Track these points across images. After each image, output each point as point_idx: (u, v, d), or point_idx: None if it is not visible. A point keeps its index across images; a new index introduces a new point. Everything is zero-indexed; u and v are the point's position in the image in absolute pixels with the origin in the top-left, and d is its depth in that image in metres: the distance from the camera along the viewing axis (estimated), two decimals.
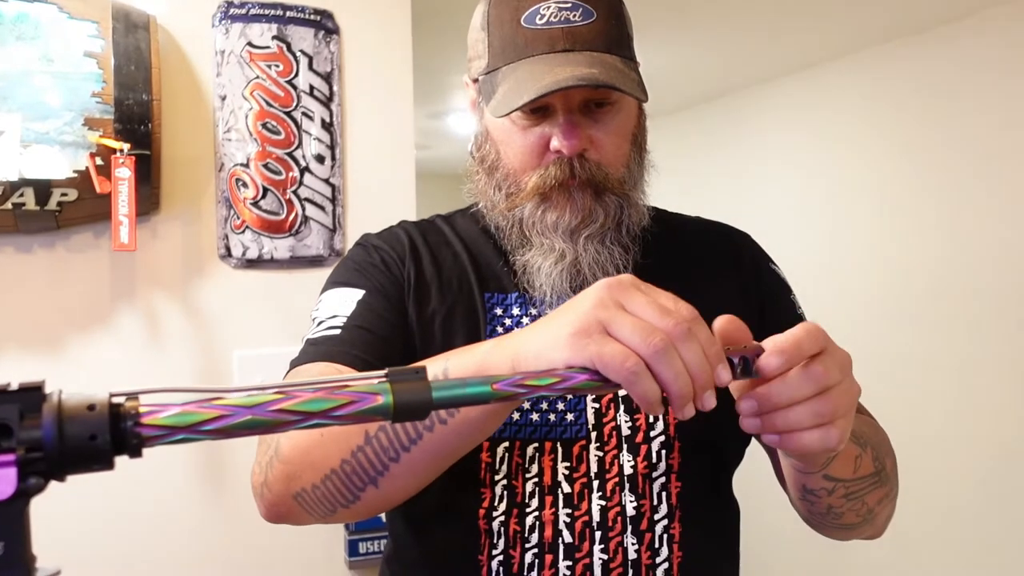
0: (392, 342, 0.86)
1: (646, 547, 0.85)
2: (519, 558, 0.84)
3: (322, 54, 1.54)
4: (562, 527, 0.84)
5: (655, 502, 0.86)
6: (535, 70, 0.83)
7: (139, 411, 0.44)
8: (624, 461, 0.85)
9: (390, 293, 0.90)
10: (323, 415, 0.48)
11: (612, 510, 0.85)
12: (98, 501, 1.42)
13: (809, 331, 0.62)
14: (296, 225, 1.52)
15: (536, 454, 0.86)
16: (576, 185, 0.87)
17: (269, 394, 0.47)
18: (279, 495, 0.77)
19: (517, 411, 0.86)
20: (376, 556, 1.53)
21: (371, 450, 0.71)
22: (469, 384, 0.52)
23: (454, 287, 0.92)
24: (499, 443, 0.85)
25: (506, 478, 0.85)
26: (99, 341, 1.44)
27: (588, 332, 0.56)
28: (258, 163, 1.50)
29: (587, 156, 0.87)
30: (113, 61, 1.30)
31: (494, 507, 0.85)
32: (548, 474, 0.85)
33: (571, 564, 0.83)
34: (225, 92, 1.49)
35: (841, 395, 0.62)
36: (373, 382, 0.50)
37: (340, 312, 0.88)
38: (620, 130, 0.90)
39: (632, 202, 0.91)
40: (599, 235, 0.89)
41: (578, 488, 0.85)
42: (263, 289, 1.52)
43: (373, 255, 0.94)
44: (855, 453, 0.79)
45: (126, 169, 1.28)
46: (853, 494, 0.80)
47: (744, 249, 1.03)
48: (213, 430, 0.45)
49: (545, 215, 0.89)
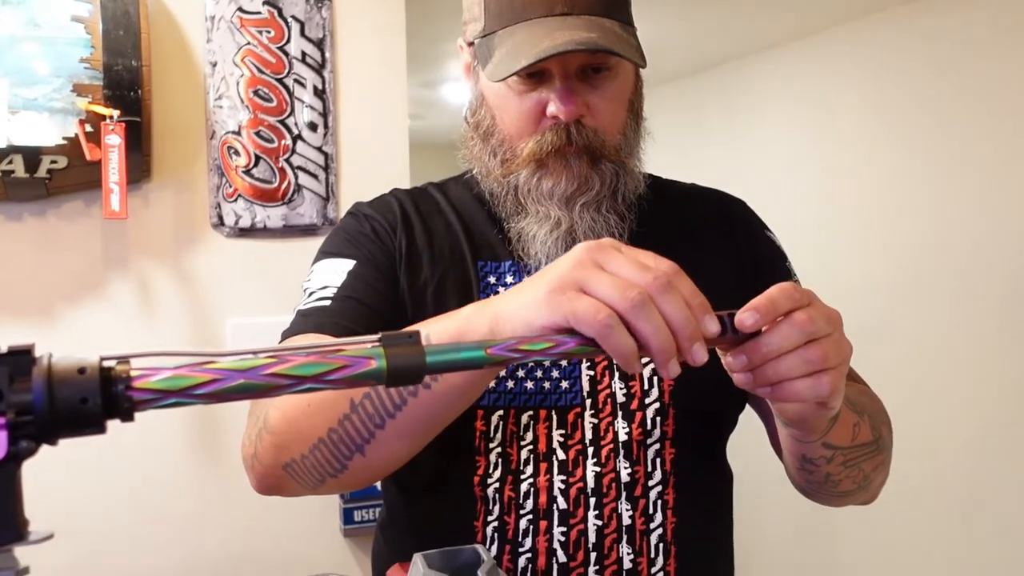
0: (382, 313, 0.86)
1: (640, 513, 0.85)
2: (514, 524, 0.84)
3: (314, 20, 1.52)
4: (556, 493, 0.84)
5: (649, 468, 0.86)
6: (533, 34, 0.81)
7: (130, 375, 0.43)
8: (619, 428, 0.86)
9: (381, 263, 0.90)
10: (317, 379, 0.47)
11: (607, 476, 0.85)
12: (92, 471, 1.42)
13: (783, 289, 0.61)
14: (289, 194, 1.51)
15: (531, 422, 0.86)
16: (573, 152, 0.86)
17: (262, 358, 0.47)
18: (269, 466, 0.77)
19: (511, 379, 0.86)
20: (371, 524, 1.54)
21: (357, 418, 0.71)
22: (463, 349, 0.52)
23: (446, 256, 0.92)
24: (493, 411, 0.85)
25: (500, 446, 0.85)
26: (91, 310, 1.43)
27: (563, 290, 0.56)
28: (250, 131, 1.48)
29: (584, 122, 0.86)
30: (101, 26, 1.28)
31: (489, 474, 0.85)
32: (543, 441, 0.85)
33: (565, 530, 0.84)
34: (216, 58, 1.47)
35: (830, 344, 0.62)
36: (367, 346, 0.49)
37: (330, 283, 0.88)
38: (617, 96, 0.89)
39: (628, 170, 0.90)
40: (595, 203, 0.88)
41: (572, 455, 0.85)
42: (256, 258, 1.51)
43: (364, 225, 0.93)
44: (853, 421, 0.78)
45: (116, 136, 1.26)
46: (851, 461, 0.80)
47: (739, 216, 1.02)
48: (205, 394, 0.45)
49: (541, 182, 0.88)
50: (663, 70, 3.84)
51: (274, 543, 1.52)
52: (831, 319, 0.63)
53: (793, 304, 0.61)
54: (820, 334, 0.61)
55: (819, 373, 0.62)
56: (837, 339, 0.63)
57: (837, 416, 0.73)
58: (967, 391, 2.57)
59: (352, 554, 1.57)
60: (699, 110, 3.84)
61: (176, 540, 1.47)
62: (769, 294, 0.61)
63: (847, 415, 0.76)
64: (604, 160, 0.88)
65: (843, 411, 0.74)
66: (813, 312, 0.62)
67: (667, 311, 0.55)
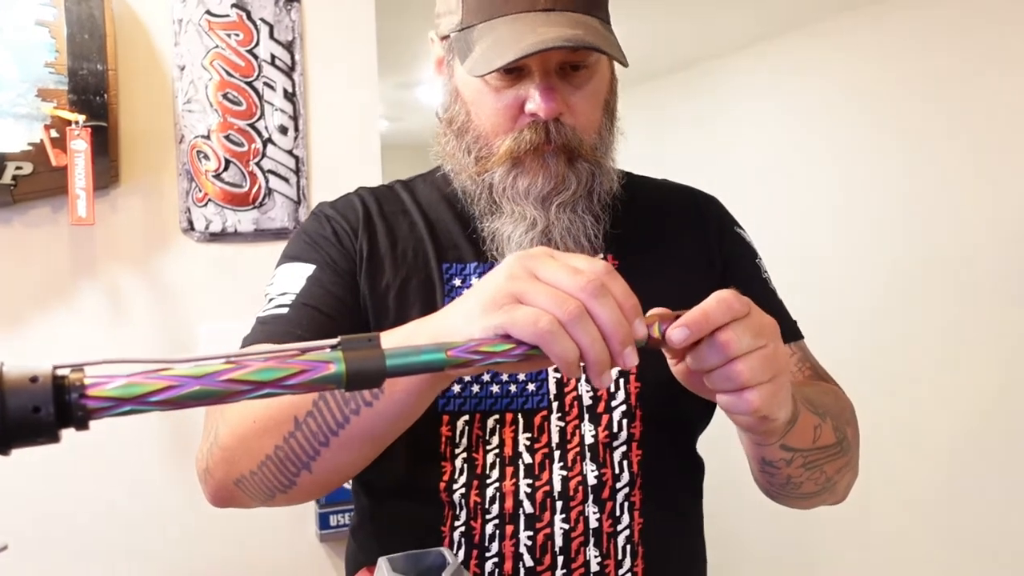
0: (340, 320, 0.85)
1: (607, 515, 0.84)
2: (480, 529, 0.84)
3: (283, 22, 1.51)
4: (523, 497, 0.84)
5: (616, 471, 0.85)
6: (515, 29, 0.80)
7: (84, 383, 0.43)
8: (585, 431, 0.85)
9: (341, 268, 0.89)
10: (275, 384, 0.47)
11: (573, 480, 0.84)
12: (58, 477, 1.41)
13: (721, 300, 0.61)
14: (260, 198, 1.50)
15: (497, 426, 0.85)
16: (551, 150, 0.85)
17: (219, 364, 0.47)
18: (220, 481, 0.78)
19: (476, 383, 0.85)
20: (347, 528, 1.53)
21: (301, 435, 0.72)
22: (424, 352, 0.52)
23: (409, 258, 0.90)
24: (459, 416, 0.85)
25: (466, 451, 0.85)
26: (60, 318, 1.42)
27: (498, 304, 0.56)
28: (220, 135, 1.47)
29: (563, 120, 0.84)
30: (66, 30, 1.27)
31: (454, 479, 0.85)
32: (509, 445, 0.85)
33: (532, 534, 0.83)
34: (184, 62, 1.46)
35: (757, 360, 0.61)
36: (326, 350, 0.49)
37: (289, 289, 0.87)
38: (595, 95, 0.88)
39: (604, 169, 0.89)
40: (571, 203, 0.87)
41: (539, 458, 0.85)
42: (227, 262, 1.50)
43: (325, 227, 0.92)
44: (814, 423, 0.78)
45: (82, 141, 1.25)
46: (812, 463, 0.80)
47: (710, 212, 1.01)
48: (161, 401, 0.45)
49: (517, 181, 0.86)
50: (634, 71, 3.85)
51: (250, 549, 1.51)
52: (762, 332, 0.62)
53: (729, 316, 0.61)
54: (744, 351, 0.61)
55: (744, 390, 0.62)
56: (767, 353, 0.62)
57: (795, 419, 0.72)
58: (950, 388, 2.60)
59: (328, 559, 1.56)
60: (670, 110, 3.86)
61: (149, 548, 1.46)
62: (704, 307, 0.60)
63: (807, 417, 0.76)
64: (581, 159, 0.87)
65: (802, 413, 0.74)
66: (739, 329, 0.61)
67: (601, 316, 0.55)
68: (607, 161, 0.90)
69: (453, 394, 0.84)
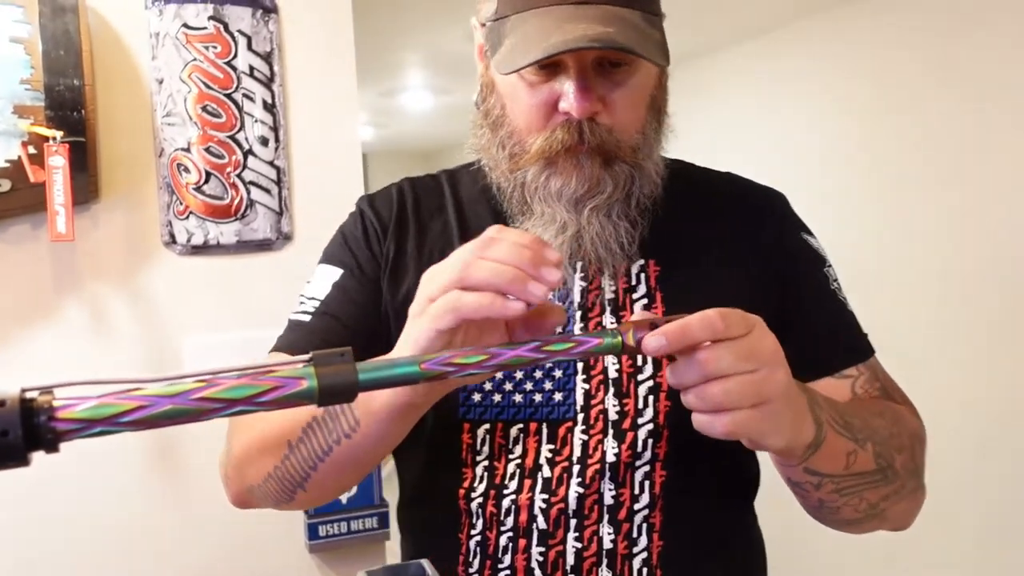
0: (358, 331, 0.85)
1: (623, 536, 0.82)
2: (494, 540, 0.83)
3: (261, 34, 1.51)
4: (537, 512, 0.82)
5: (636, 491, 0.82)
6: (544, 24, 0.75)
7: (53, 405, 0.43)
8: (608, 447, 0.82)
9: (366, 273, 0.89)
10: (247, 401, 0.47)
11: (589, 498, 0.82)
12: (42, 485, 1.40)
13: (704, 317, 0.59)
14: (242, 209, 1.50)
15: (520, 435, 0.83)
16: (585, 151, 0.80)
17: (190, 383, 0.47)
18: (237, 487, 0.85)
19: (498, 392, 0.83)
20: (336, 539, 1.53)
21: (295, 459, 0.76)
22: (397, 365, 0.52)
23: (434, 262, 0.88)
24: (479, 425, 0.83)
25: (488, 459, 0.83)
26: (43, 335, 1.41)
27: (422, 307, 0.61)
28: (200, 147, 1.47)
29: (599, 120, 0.79)
30: (41, 46, 1.26)
31: (473, 487, 0.84)
32: (531, 456, 0.82)
33: (544, 551, 0.81)
34: (162, 75, 1.45)
35: (737, 384, 0.59)
36: (298, 366, 0.49)
37: (316, 294, 0.89)
38: (637, 92, 0.82)
39: (644, 173, 0.84)
40: (606, 207, 0.82)
41: (558, 472, 0.82)
42: (210, 275, 1.50)
43: (358, 226, 0.92)
44: (847, 448, 0.73)
45: (60, 157, 1.24)
46: (847, 490, 0.76)
47: (771, 213, 0.94)
48: (132, 421, 0.45)
49: (549, 181, 0.81)
50: None
51: (238, 560, 1.51)
52: (753, 355, 0.60)
53: (709, 334, 0.59)
54: (724, 372, 0.59)
55: (718, 413, 0.60)
56: (755, 379, 0.60)
57: (818, 444, 0.69)
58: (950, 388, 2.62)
59: (318, 569, 1.56)
60: None
61: (136, 558, 1.45)
62: (685, 321, 0.59)
63: (838, 442, 0.72)
64: (619, 161, 0.81)
65: (830, 438, 0.71)
66: (722, 351, 0.59)
67: (494, 257, 0.58)
68: (649, 163, 0.84)
69: (473, 403, 0.83)
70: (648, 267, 0.87)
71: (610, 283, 0.87)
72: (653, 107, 0.84)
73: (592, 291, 0.86)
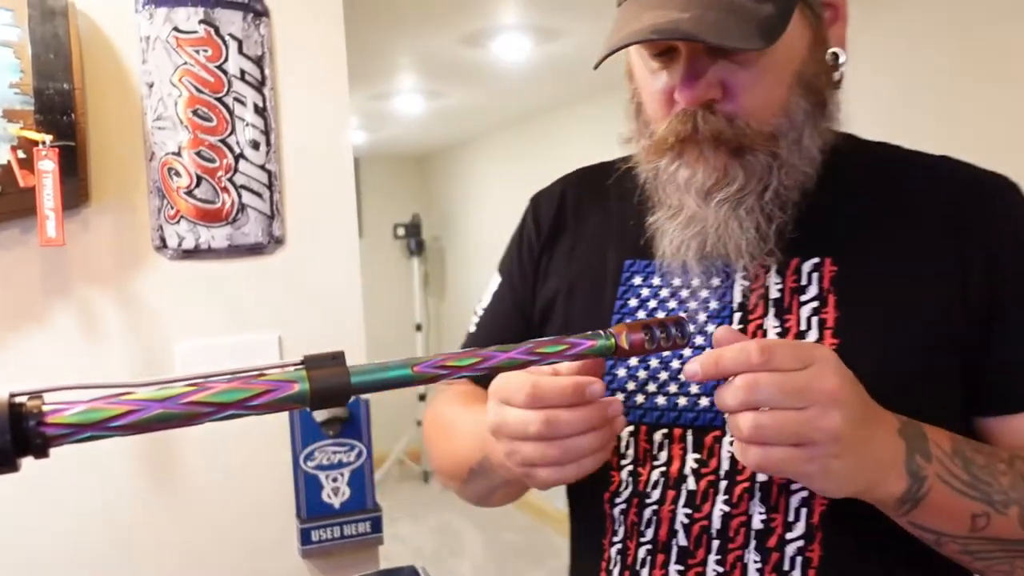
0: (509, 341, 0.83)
1: (771, 568, 0.73)
2: (634, 551, 0.78)
3: (252, 37, 1.50)
4: (678, 527, 0.76)
5: (790, 518, 0.73)
6: (627, 14, 0.72)
7: (42, 410, 0.43)
8: None
9: (517, 280, 0.93)
10: (238, 405, 0.47)
11: (736, 519, 0.75)
12: (30, 490, 1.39)
13: (743, 349, 0.57)
14: (233, 213, 1.49)
15: (665, 441, 0.78)
16: (705, 142, 0.74)
17: (181, 387, 0.47)
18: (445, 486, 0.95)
19: (641, 393, 0.79)
20: (330, 543, 1.52)
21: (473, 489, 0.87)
22: (390, 368, 0.52)
23: (586, 259, 0.86)
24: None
25: (632, 464, 0.79)
26: (33, 341, 1.40)
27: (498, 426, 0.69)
28: (191, 151, 1.46)
29: (718, 107, 0.73)
30: (30, 50, 1.26)
31: (618, 492, 0.80)
32: (676, 464, 0.77)
33: (682, 569, 0.76)
34: (152, 79, 1.45)
35: (770, 419, 0.57)
36: (290, 369, 0.49)
37: (484, 304, 0.96)
38: (769, 72, 0.73)
39: (785, 161, 0.75)
40: (735, 200, 0.75)
41: (703, 486, 0.76)
42: (202, 279, 1.49)
43: (522, 228, 0.94)
44: (971, 509, 0.66)
45: (49, 161, 1.24)
46: (982, 554, 0.68)
47: (983, 205, 0.76)
48: (123, 426, 0.45)
49: (678, 172, 0.77)
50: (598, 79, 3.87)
51: (230, 566, 1.50)
52: (799, 392, 0.57)
53: (744, 367, 0.57)
54: (761, 403, 0.57)
55: (749, 444, 0.58)
56: (798, 417, 0.57)
57: (914, 499, 0.64)
58: None
59: (311, 574, 1.55)
60: None
61: (124, 564, 1.44)
62: (722, 350, 0.58)
63: (952, 500, 0.65)
64: (751, 151, 0.74)
65: (941, 495, 0.65)
66: (762, 380, 0.56)
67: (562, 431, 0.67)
68: (795, 150, 0.75)
69: None
70: (824, 266, 0.77)
71: (776, 281, 0.79)
72: (801, 84, 0.75)
73: (755, 290, 0.79)
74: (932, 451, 0.65)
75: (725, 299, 0.80)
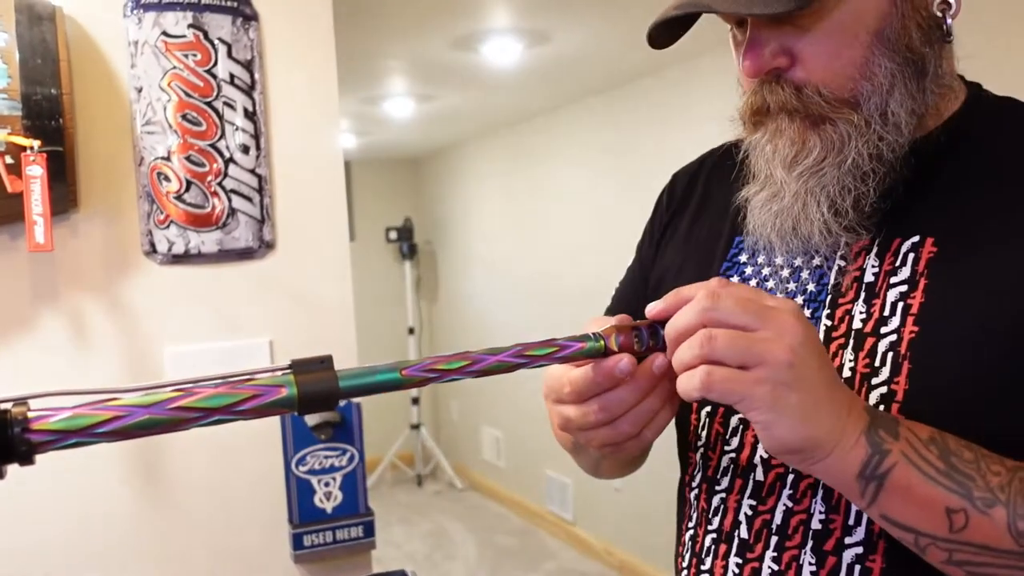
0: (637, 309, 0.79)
1: (828, 571, 0.68)
2: (701, 539, 0.76)
3: (241, 41, 1.50)
4: (742, 518, 0.73)
5: (850, 521, 0.68)
6: None
7: (28, 416, 0.42)
8: None
9: (644, 256, 0.94)
10: (226, 410, 0.47)
11: (796, 516, 0.71)
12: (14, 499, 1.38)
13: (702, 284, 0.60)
14: (223, 218, 1.49)
15: (740, 425, 0.75)
16: (783, 113, 0.72)
17: (167, 392, 0.46)
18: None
19: None
20: (321, 548, 1.52)
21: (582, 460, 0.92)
22: (378, 372, 0.52)
23: (700, 236, 0.85)
24: (704, 405, 0.78)
25: (704, 447, 0.77)
26: (22, 347, 1.39)
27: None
28: (180, 156, 1.46)
29: (787, 76, 0.71)
30: (18, 55, 1.25)
31: (693, 476, 0.79)
32: (747, 452, 0.74)
33: (740, 563, 0.73)
34: (141, 84, 1.44)
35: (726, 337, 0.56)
36: (277, 374, 0.49)
37: (621, 279, 0.97)
38: (836, 33, 0.68)
39: (866, 130, 0.70)
40: (812, 173, 0.71)
41: (771, 478, 0.72)
42: (192, 284, 1.49)
43: (657, 201, 0.95)
44: (946, 502, 0.59)
45: (37, 167, 1.23)
46: (969, 565, 0.60)
47: None
48: (109, 432, 0.44)
49: (767, 145, 0.75)
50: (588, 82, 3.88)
51: (221, 571, 1.49)
52: (758, 313, 0.56)
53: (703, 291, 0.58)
54: (719, 322, 0.56)
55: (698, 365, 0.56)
56: (749, 337, 0.55)
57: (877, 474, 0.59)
58: None
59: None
60: (633, 119, 3.89)
61: (116, 570, 1.44)
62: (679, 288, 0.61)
63: (927, 489, 0.59)
64: (829, 119, 0.70)
65: (905, 476, 0.59)
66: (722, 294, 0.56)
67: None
68: (878, 116, 0.70)
69: None
70: (923, 245, 0.70)
71: (873, 263, 0.73)
72: (884, 42, 0.68)
73: (851, 272, 0.74)
74: (901, 432, 0.60)
75: (823, 281, 0.75)
